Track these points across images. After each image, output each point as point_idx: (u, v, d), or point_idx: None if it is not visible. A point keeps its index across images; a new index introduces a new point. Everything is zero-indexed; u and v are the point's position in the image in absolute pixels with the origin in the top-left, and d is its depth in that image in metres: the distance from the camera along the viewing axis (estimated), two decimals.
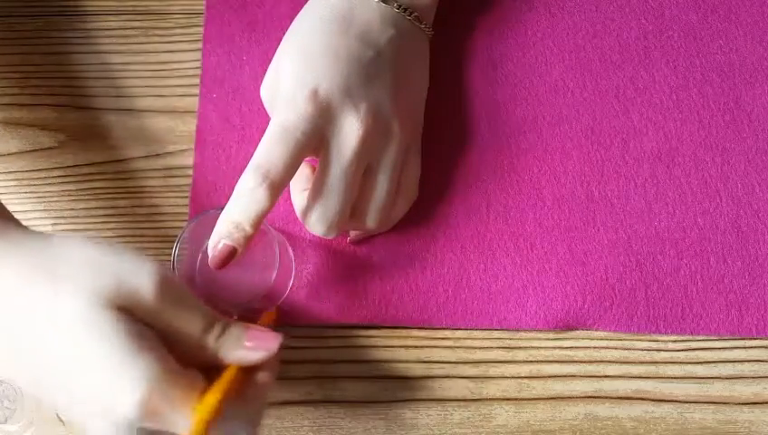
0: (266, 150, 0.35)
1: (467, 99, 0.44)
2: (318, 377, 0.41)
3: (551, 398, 0.40)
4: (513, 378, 0.40)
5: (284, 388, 0.40)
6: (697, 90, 0.44)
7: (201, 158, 0.43)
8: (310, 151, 0.36)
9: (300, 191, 0.39)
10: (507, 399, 0.40)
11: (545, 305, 0.41)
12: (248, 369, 0.32)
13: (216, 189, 0.43)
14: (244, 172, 0.34)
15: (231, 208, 0.35)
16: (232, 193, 0.35)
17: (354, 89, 0.36)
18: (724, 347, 0.41)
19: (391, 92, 0.38)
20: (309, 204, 0.37)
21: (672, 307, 0.41)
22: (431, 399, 0.40)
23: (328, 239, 0.40)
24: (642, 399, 0.40)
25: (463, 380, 0.40)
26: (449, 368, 0.41)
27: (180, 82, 0.45)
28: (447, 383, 0.40)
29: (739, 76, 0.44)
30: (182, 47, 0.46)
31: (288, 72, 0.37)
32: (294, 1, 0.44)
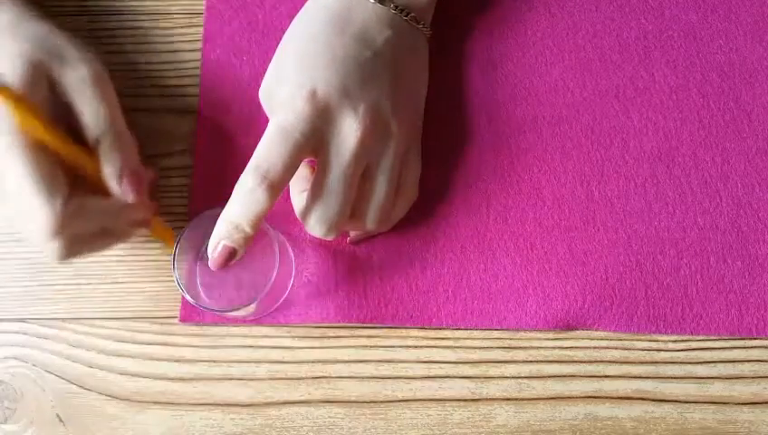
0: (265, 151, 0.35)
1: (467, 99, 0.44)
2: (318, 377, 0.41)
3: (551, 398, 0.40)
4: (513, 378, 0.40)
5: (284, 388, 0.41)
6: (697, 90, 0.44)
7: (201, 158, 0.43)
8: (308, 152, 0.36)
9: (299, 192, 0.39)
10: (507, 399, 0.40)
11: (545, 305, 0.41)
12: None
13: (216, 190, 0.43)
14: (243, 173, 0.35)
15: (230, 209, 0.35)
16: (231, 193, 0.35)
17: (352, 89, 0.36)
18: (723, 347, 0.41)
19: (390, 93, 0.38)
20: (308, 205, 0.37)
21: (672, 307, 0.41)
22: (431, 399, 0.40)
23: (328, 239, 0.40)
24: (642, 399, 0.40)
25: (463, 380, 0.40)
26: (449, 368, 0.41)
27: (180, 82, 0.45)
28: (447, 383, 0.40)
29: (739, 76, 0.44)
30: (182, 47, 0.46)
31: (286, 74, 0.37)
32: (294, 1, 0.44)
